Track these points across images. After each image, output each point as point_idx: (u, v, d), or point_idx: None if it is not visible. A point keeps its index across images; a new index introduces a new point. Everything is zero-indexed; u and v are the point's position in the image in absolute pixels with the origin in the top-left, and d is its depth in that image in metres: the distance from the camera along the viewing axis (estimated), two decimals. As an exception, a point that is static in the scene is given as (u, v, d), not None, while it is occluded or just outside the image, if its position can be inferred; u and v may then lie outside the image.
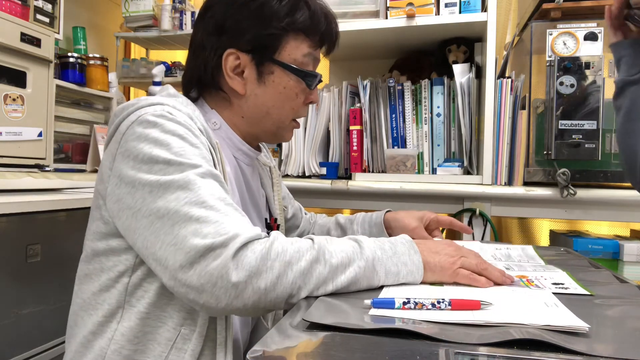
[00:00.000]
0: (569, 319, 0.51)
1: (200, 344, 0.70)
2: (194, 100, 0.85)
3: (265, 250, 0.61)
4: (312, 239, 0.66)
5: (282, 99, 0.83)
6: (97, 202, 0.73)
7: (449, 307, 0.54)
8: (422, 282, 0.67)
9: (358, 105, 1.54)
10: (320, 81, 0.87)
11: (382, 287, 0.66)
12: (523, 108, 1.37)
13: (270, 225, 0.95)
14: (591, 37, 1.25)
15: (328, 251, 0.64)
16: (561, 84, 1.24)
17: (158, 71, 2.07)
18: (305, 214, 1.17)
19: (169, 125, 0.68)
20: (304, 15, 0.80)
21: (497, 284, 0.67)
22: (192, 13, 2.16)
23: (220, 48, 0.80)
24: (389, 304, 0.55)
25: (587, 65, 1.25)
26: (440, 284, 0.67)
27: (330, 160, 1.60)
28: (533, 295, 0.61)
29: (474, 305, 0.55)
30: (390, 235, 1.03)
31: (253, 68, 0.81)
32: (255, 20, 0.79)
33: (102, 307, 0.72)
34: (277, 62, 0.81)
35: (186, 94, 0.87)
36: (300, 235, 1.07)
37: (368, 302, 0.56)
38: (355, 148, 1.54)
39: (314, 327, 0.51)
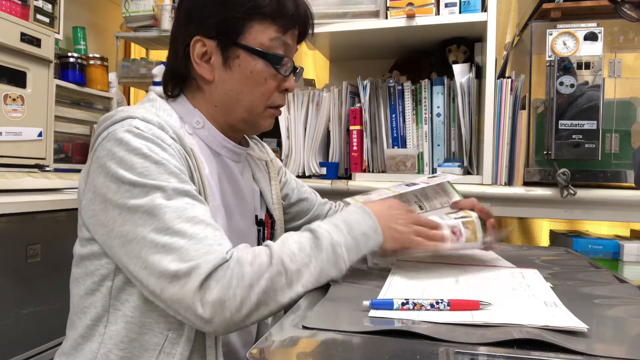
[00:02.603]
0: (568, 320, 0.51)
1: (189, 347, 0.70)
2: (176, 98, 0.84)
3: (227, 279, 0.62)
4: (269, 249, 0.66)
5: (250, 83, 0.80)
6: (79, 209, 0.75)
7: (448, 308, 0.54)
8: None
9: (358, 105, 1.53)
10: (296, 68, 0.85)
11: (380, 287, 0.65)
12: (523, 108, 1.36)
13: (263, 222, 0.94)
14: (591, 37, 1.25)
15: (287, 255, 0.65)
16: (561, 84, 1.24)
17: (158, 71, 2.06)
18: (324, 202, 1.15)
19: (134, 143, 0.67)
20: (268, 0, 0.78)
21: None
22: (192, 13, 2.15)
23: (188, 36, 0.80)
24: (388, 305, 0.55)
25: (587, 65, 1.24)
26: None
27: (330, 160, 1.59)
28: (532, 295, 0.61)
29: (473, 306, 0.55)
30: None
31: (219, 53, 0.79)
32: (219, 6, 0.78)
33: (90, 310, 0.72)
34: (242, 46, 0.79)
35: (167, 91, 0.86)
36: (311, 221, 1.06)
37: (367, 303, 0.56)
38: (355, 148, 1.54)
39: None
